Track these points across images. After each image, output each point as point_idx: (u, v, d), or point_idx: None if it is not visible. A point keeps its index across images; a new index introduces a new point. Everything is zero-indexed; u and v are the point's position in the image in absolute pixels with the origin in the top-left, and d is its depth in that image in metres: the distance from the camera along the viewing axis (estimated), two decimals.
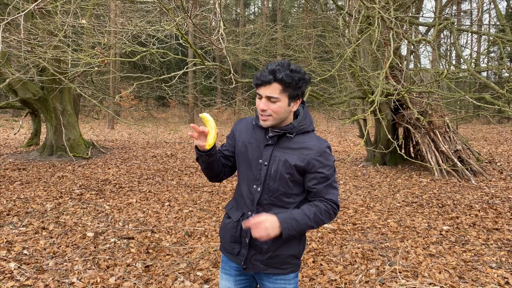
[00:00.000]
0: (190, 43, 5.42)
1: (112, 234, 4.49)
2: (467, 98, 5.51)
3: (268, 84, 1.62)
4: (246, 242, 1.76)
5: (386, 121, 8.69)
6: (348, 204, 5.94)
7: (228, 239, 1.83)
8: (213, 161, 1.77)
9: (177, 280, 3.40)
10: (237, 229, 1.79)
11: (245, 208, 1.78)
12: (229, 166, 1.90)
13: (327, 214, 1.68)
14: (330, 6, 14.22)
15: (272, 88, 1.62)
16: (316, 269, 3.63)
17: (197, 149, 1.75)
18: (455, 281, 3.38)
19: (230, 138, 1.89)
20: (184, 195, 6.41)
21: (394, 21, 4.99)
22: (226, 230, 1.85)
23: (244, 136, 1.82)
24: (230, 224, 1.82)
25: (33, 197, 5.97)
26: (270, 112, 1.65)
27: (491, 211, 5.52)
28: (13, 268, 3.50)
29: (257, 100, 1.69)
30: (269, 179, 1.72)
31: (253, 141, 1.78)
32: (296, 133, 1.73)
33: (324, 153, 1.70)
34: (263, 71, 1.64)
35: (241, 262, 1.79)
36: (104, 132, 18.02)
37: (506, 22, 6.34)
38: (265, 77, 1.62)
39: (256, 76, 1.66)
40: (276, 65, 1.62)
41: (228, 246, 1.84)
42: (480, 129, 18.94)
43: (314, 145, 1.71)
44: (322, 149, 1.70)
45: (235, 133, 1.87)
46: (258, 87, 1.65)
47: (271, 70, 1.62)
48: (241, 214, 1.79)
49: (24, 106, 11.13)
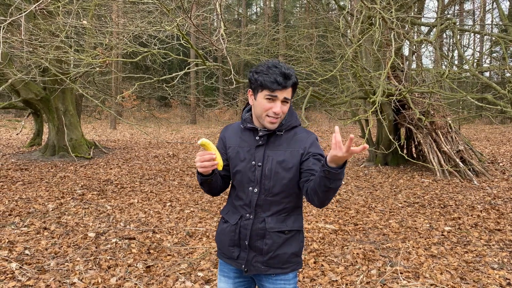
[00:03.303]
0: (191, 43, 5.42)
1: (113, 234, 4.50)
2: (469, 98, 5.49)
3: (286, 88, 1.64)
4: (246, 244, 1.75)
5: (388, 122, 8.67)
6: (350, 204, 5.93)
7: (226, 243, 1.82)
8: (216, 179, 1.77)
9: (178, 280, 3.40)
10: (235, 233, 1.78)
11: (242, 210, 1.77)
12: (227, 176, 1.89)
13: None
14: (332, 6, 14.22)
15: (288, 91, 1.66)
16: (317, 269, 3.63)
17: (200, 175, 1.71)
18: (457, 282, 3.37)
19: (221, 147, 1.87)
20: (186, 195, 6.41)
21: (395, 21, 4.98)
22: (224, 235, 1.83)
23: (234, 142, 1.82)
24: (228, 228, 1.81)
25: (35, 197, 5.99)
26: (281, 114, 1.68)
27: (493, 212, 5.50)
28: (15, 268, 3.51)
29: (265, 102, 1.66)
30: (264, 179, 1.72)
31: (243, 144, 1.78)
32: (285, 129, 1.76)
33: (314, 142, 1.75)
34: (276, 75, 1.61)
35: (242, 265, 1.78)
36: (106, 132, 18.06)
37: (508, 22, 6.32)
38: (285, 82, 1.62)
39: (269, 79, 1.62)
40: (287, 69, 1.64)
41: (226, 250, 1.82)
42: (482, 129, 18.87)
43: (304, 136, 1.76)
44: (312, 139, 1.76)
45: (225, 140, 1.86)
46: (274, 91, 1.63)
47: (287, 74, 1.62)
48: (239, 217, 1.78)
49: (26, 106, 11.18)
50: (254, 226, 1.74)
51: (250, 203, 1.75)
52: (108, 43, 6.60)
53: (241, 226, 1.76)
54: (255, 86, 1.69)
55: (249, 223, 1.74)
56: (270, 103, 1.65)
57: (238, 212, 1.79)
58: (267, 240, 1.73)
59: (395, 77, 8.53)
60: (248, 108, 1.85)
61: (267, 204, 1.73)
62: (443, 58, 9.86)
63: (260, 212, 1.74)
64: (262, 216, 1.74)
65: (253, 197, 1.74)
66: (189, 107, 25.56)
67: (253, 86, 1.70)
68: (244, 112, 1.85)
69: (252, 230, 1.74)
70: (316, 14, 10.48)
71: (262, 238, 1.74)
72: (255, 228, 1.74)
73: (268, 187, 1.72)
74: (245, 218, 1.76)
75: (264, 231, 1.73)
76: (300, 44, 9.37)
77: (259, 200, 1.73)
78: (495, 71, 10.25)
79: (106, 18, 7.68)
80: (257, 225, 1.74)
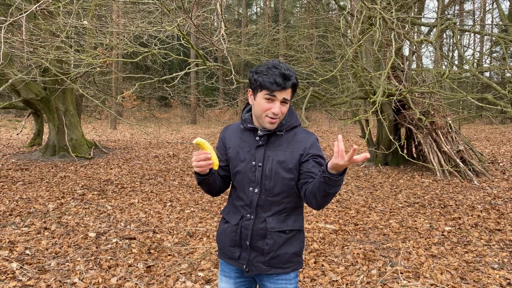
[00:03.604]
0: (191, 43, 5.42)
1: (114, 234, 4.51)
2: (469, 98, 5.49)
3: (286, 89, 1.65)
4: (247, 245, 1.76)
5: (388, 122, 8.67)
6: (350, 204, 5.93)
7: (227, 244, 1.82)
8: (214, 179, 1.77)
9: (178, 280, 3.40)
10: (236, 233, 1.78)
11: (243, 211, 1.78)
12: (227, 176, 1.89)
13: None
14: (332, 6, 14.22)
15: (287, 92, 1.67)
16: (317, 269, 3.63)
17: (198, 174, 1.72)
18: (457, 282, 3.37)
19: (221, 148, 1.87)
20: (186, 195, 6.41)
21: (395, 21, 4.98)
22: (225, 235, 1.83)
23: (234, 142, 1.82)
24: (229, 228, 1.81)
25: (36, 197, 5.99)
26: (280, 115, 1.69)
27: (494, 212, 5.51)
28: (15, 268, 3.51)
29: (265, 103, 1.66)
30: (265, 179, 1.73)
31: (244, 145, 1.79)
32: (286, 129, 1.76)
33: (314, 143, 1.75)
34: (276, 76, 1.62)
35: (243, 265, 1.78)
36: (106, 132, 18.07)
37: (508, 22, 6.32)
38: (284, 83, 1.63)
39: (269, 80, 1.63)
40: (286, 70, 1.64)
41: (227, 251, 1.83)
42: (482, 129, 18.87)
43: (304, 137, 1.76)
44: (312, 140, 1.76)
45: (225, 141, 1.86)
46: (273, 91, 1.64)
47: (286, 75, 1.63)
48: (240, 217, 1.78)
49: (26, 106, 11.19)
50: (255, 226, 1.74)
51: (250, 203, 1.75)
52: (109, 43, 6.60)
53: (242, 227, 1.76)
54: (255, 86, 1.69)
55: (250, 223, 1.75)
56: (269, 103, 1.66)
57: (239, 213, 1.79)
58: (268, 240, 1.74)
59: (395, 77, 8.53)
60: (248, 109, 1.85)
61: (268, 204, 1.74)
62: (443, 58, 9.86)
63: (261, 212, 1.74)
64: (263, 216, 1.74)
65: (253, 197, 1.74)
66: (189, 107, 25.57)
67: (253, 86, 1.71)
68: (244, 112, 1.86)
69: (253, 230, 1.74)
70: (316, 14, 10.49)
71: (263, 238, 1.74)
72: (256, 228, 1.74)
73: (268, 187, 1.73)
74: (246, 219, 1.76)
75: (265, 231, 1.74)
76: (300, 44, 9.38)
77: (260, 200, 1.74)
78: (495, 71, 10.25)
79: (107, 18, 7.69)
80: (258, 225, 1.74)
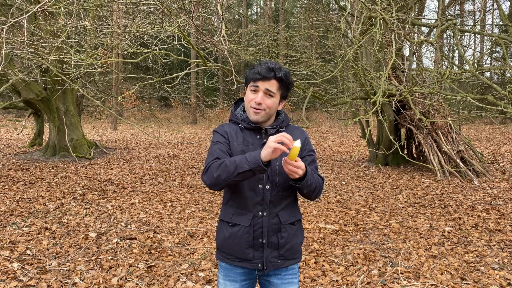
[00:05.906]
0: (192, 44, 5.43)
1: (114, 234, 4.51)
2: (469, 99, 5.50)
3: (268, 79, 1.72)
4: (261, 242, 1.76)
5: (388, 122, 8.68)
6: (350, 204, 5.94)
7: (242, 246, 1.77)
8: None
9: (179, 280, 3.41)
10: (249, 234, 1.76)
11: (253, 210, 1.75)
12: None
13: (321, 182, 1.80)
14: (332, 7, 14.24)
15: (271, 83, 1.73)
16: (317, 270, 3.64)
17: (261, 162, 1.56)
18: (457, 283, 3.38)
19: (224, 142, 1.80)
20: (187, 195, 6.42)
21: (396, 22, 4.99)
22: (237, 238, 1.77)
23: (236, 139, 1.81)
24: (240, 230, 1.76)
25: (36, 198, 6.00)
26: (264, 106, 1.74)
27: (494, 212, 5.51)
28: (16, 268, 3.52)
29: (250, 94, 1.76)
30: (275, 175, 1.75)
31: (248, 143, 1.79)
32: (285, 126, 1.86)
33: (308, 138, 1.90)
34: (261, 67, 1.72)
35: (258, 264, 1.77)
36: (106, 132, 18.08)
37: (509, 22, 6.32)
38: (266, 72, 1.71)
39: (254, 71, 1.74)
40: (273, 64, 1.73)
41: (241, 254, 1.78)
42: (483, 129, 18.86)
43: (300, 132, 1.89)
44: (306, 135, 1.90)
45: (227, 136, 1.81)
46: (255, 81, 1.73)
47: (271, 67, 1.71)
48: (252, 216, 1.75)
49: (27, 106, 11.20)
50: (269, 222, 1.76)
51: (263, 200, 1.75)
52: (109, 43, 6.61)
53: (256, 225, 1.76)
54: (245, 82, 1.81)
55: (264, 220, 1.75)
56: (253, 94, 1.75)
57: (248, 213, 1.76)
58: (283, 233, 1.77)
59: (395, 77, 8.54)
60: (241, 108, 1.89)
61: (278, 199, 1.77)
62: (444, 58, 9.86)
63: (272, 207, 1.77)
64: (274, 211, 1.77)
65: (265, 194, 1.75)
66: (189, 107, 25.58)
67: (245, 83, 1.82)
68: (240, 111, 1.88)
69: (268, 227, 1.76)
70: (317, 14, 10.50)
71: (278, 232, 1.77)
72: (270, 224, 1.76)
73: (279, 183, 1.76)
74: (259, 217, 1.75)
75: (278, 225, 1.77)
76: (301, 45, 9.39)
77: (272, 196, 1.76)
78: (495, 71, 10.26)
79: (107, 18, 7.70)
80: (271, 220, 1.76)
